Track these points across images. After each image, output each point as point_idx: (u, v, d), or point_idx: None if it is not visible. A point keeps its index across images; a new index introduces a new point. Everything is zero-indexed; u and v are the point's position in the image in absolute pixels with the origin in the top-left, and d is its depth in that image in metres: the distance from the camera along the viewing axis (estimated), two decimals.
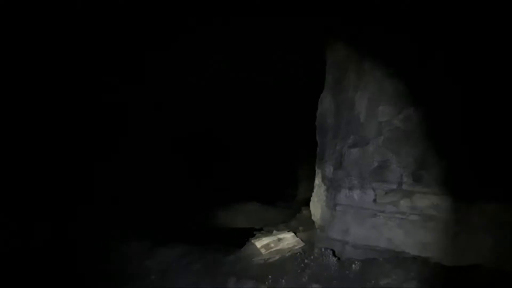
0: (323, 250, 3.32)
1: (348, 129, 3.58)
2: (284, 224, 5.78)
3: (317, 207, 4.05)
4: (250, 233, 4.86)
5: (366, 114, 3.37)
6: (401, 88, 3.14)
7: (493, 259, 2.67)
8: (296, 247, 3.67)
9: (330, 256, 3.22)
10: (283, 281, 3.08)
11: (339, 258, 3.23)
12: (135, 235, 4.90)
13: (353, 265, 3.01)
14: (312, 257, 3.30)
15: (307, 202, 4.53)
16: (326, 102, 4.06)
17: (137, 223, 5.60)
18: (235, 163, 9.42)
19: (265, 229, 5.50)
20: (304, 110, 5.10)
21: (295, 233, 3.96)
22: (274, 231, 4.25)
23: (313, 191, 4.23)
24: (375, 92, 3.31)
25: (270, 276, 3.17)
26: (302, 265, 3.23)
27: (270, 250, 3.63)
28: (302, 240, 3.81)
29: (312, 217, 4.14)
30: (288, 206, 7.84)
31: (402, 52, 3.15)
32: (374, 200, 3.23)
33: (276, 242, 3.71)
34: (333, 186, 3.70)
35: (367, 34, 3.41)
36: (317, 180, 4.16)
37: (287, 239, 3.77)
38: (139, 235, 4.92)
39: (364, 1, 3.37)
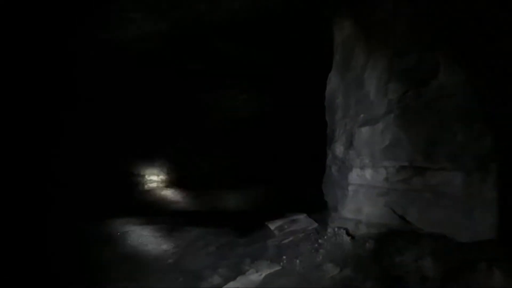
0: (336, 229, 3.35)
1: (357, 108, 3.55)
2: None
3: (329, 188, 4.06)
4: (262, 215, 4.91)
5: (376, 92, 3.32)
6: (411, 65, 3.08)
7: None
8: (310, 228, 3.71)
9: (344, 235, 3.25)
10: (297, 261, 3.12)
11: (352, 237, 3.25)
12: (151, 222, 5.02)
13: (367, 244, 3.04)
14: (325, 237, 3.34)
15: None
16: (334, 82, 4.00)
17: (150, 211, 5.73)
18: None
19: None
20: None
21: (308, 214, 4.00)
22: (287, 213, 4.29)
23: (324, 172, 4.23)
24: (384, 70, 3.26)
25: (284, 257, 3.22)
26: (316, 245, 3.28)
27: (283, 232, 3.67)
28: (315, 221, 3.85)
29: (325, 198, 4.15)
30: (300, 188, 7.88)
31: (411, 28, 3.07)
32: (386, 179, 3.22)
33: (289, 224, 3.76)
34: (344, 166, 3.70)
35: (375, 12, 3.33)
36: (328, 161, 4.15)
37: (300, 220, 3.82)
38: (154, 221, 5.03)
39: None
